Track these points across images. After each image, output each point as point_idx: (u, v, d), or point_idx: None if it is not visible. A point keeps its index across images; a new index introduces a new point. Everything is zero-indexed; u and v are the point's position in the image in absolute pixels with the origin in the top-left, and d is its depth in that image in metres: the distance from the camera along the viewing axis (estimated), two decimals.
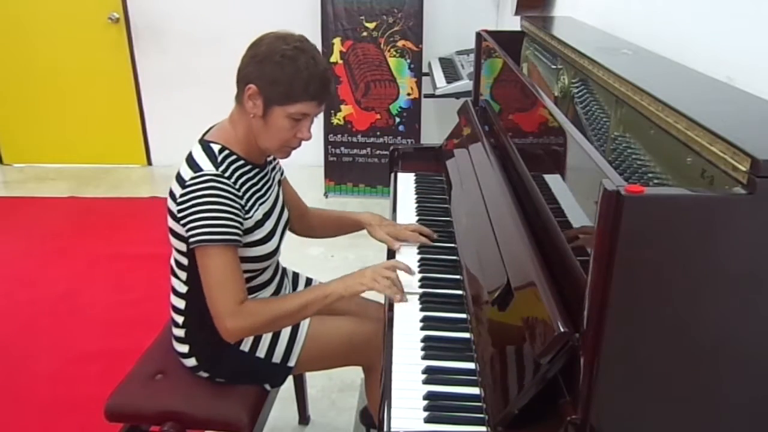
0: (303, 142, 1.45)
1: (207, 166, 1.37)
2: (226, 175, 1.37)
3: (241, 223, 1.38)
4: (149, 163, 4.40)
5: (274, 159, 1.63)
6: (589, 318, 0.79)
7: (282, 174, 1.69)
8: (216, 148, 1.40)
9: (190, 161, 1.39)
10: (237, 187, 1.39)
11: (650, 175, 1.00)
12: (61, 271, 3.03)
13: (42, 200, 3.84)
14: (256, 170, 1.49)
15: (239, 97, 1.41)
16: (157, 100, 4.22)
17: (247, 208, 1.41)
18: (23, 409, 2.15)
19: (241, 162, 1.44)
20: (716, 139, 0.78)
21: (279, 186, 1.63)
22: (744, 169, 0.72)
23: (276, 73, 1.34)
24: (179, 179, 1.39)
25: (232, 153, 1.42)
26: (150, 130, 4.32)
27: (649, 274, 0.76)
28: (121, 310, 2.71)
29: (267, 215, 1.49)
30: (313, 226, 1.80)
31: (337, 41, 3.68)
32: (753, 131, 0.83)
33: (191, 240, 1.34)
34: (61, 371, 2.33)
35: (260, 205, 1.47)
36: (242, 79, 1.38)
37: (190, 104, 3.98)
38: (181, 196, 1.36)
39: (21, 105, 4.26)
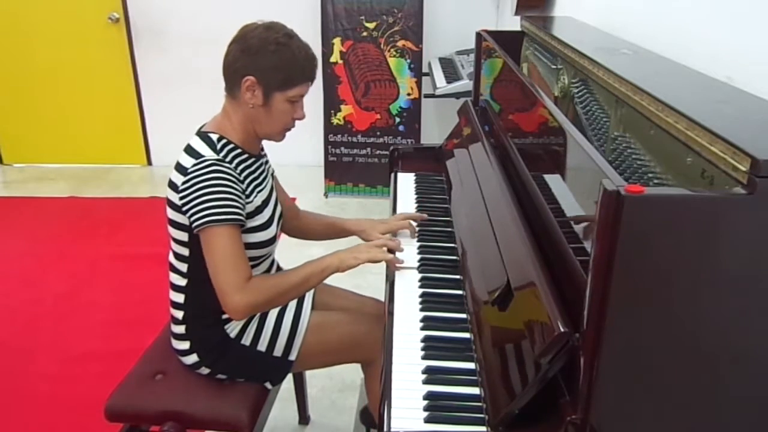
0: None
1: (208, 152, 1.40)
2: (227, 160, 1.41)
3: (244, 207, 1.40)
4: (149, 163, 4.41)
5: (264, 154, 1.65)
6: (589, 318, 0.79)
7: (272, 171, 1.70)
8: (214, 137, 1.44)
9: (190, 150, 1.42)
10: (238, 172, 1.42)
11: (650, 175, 1.00)
12: (61, 271, 3.03)
13: (42, 200, 3.84)
14: (253, 159, 1.53)
15: (233, 91, 1.45)
16: (157, 100, 4.21)
17: (247, 193, 1.44)
18: (23, 408, 2.15)
19: (239, 150, 1.48)
20: (716, 139, 0.78)
21: (272, 179, 1.65)
22: (744, 169, 0.72)
23: (274, 61, 1.40)
24: (179, 168, 1.41)
25: (229, 142, 1.46)
26: (150, 130, 4.32)
27: (649, 274, 0.76)
28: (121, 310, 2.71)
29: (265, 202, 1.52)
30: (302, 227, 1.80)
31: (337, 41, 3.68)
32: (753, 131, 0.83)
33: (196, 223, 1.35)
34: (61, 371, 2.33)
35: (259, 192, 1.50)
36: (236, 73, 1.42)
37: (191, 104, 3.95)
38: (184, 183, 1.38)
39: (21, 105, 4.26)
